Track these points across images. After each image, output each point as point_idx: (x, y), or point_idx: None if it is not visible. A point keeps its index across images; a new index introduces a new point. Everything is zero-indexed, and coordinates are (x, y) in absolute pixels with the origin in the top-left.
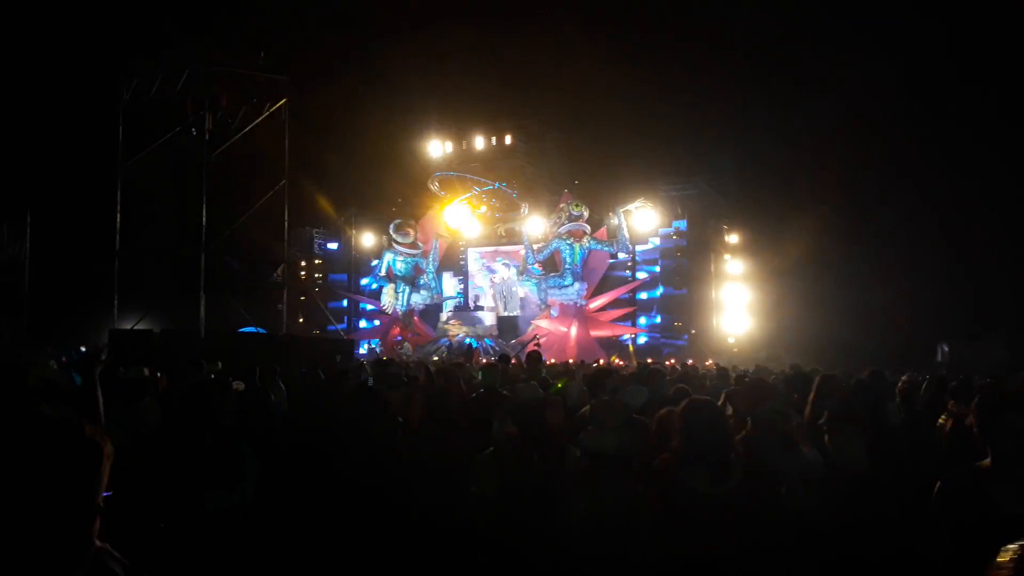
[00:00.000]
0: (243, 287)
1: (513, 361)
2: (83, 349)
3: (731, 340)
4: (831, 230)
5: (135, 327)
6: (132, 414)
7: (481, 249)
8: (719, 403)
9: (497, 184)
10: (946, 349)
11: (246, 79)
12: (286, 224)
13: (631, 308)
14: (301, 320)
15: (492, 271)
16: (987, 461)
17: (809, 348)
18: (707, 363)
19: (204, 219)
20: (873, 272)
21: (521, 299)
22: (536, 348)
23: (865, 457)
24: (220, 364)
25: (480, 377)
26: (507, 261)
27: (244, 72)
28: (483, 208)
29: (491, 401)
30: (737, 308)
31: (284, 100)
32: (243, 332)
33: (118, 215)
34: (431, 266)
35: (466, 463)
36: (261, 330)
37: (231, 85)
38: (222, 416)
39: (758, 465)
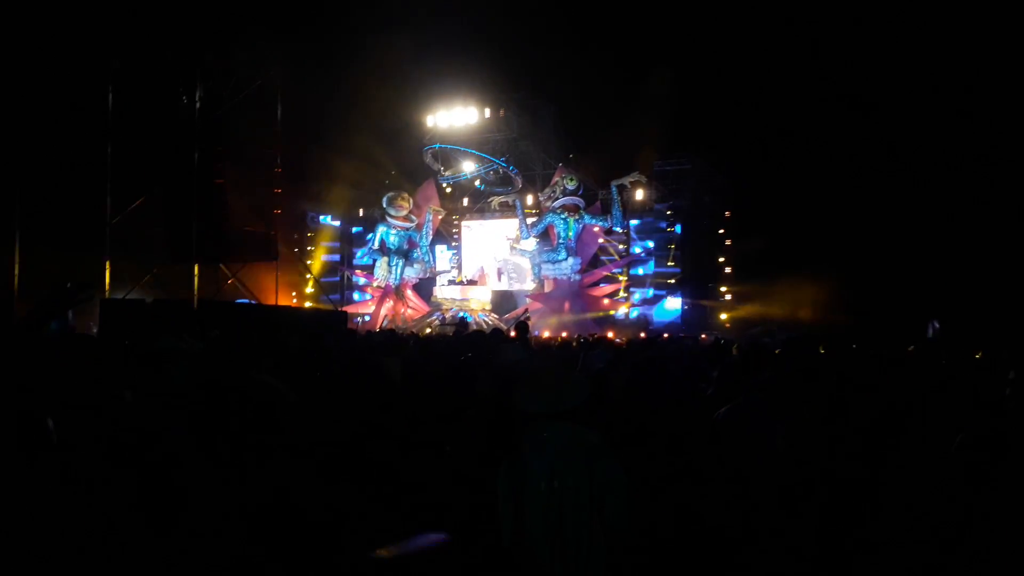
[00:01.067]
0: (235, 258)
1: (513, 334)
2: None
3: (723, 316)
4: (825, 207)
5: (127, 296)
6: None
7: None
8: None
9: (497, 160)
10: (937, 325)
11: (238, 47)
12: (278, 195)
13: (625, 283)
14: (294, 294)
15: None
16: None
17: (802, 324)
18: (702, 337)
19: (195, 188)
20: (866, 247)
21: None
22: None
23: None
24: (217, 332)
25: None
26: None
27: (236, 40)
28: (477, 182)
29: (475, 364)
30: (730, 283)
31: (276, 68)
32: (238, 303)
33: (108, 184)
34: (425, 239)
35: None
36: (254, 302)
37: (222, 53)
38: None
39: (741, 430)
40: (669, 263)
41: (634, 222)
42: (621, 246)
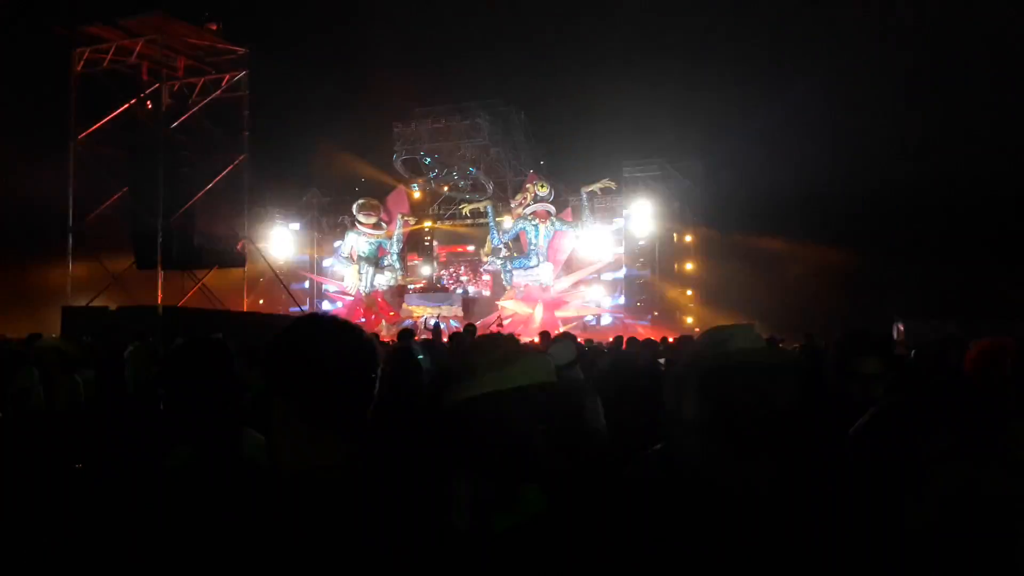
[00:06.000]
0: (202, 264)
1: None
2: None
3: (689, 320)
4: (792, 212)
5: (90, 304)
6: None
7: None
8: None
9: (471, 171)
10: (901, 327)
11: (204, 50)
12: (246, 200)
13: (595, 288)
14: (262, 302)
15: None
16: None
17: (770, 329)
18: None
19: (161, 194)
20: (831, 254)
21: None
22: (499, 328)
23: None
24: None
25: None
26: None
27: (202, 43)
28: (446, 188)
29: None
30: (700, 288)
31: (244, 72)
32: (205, 310)
33: (71, 189)
34: (395, 247)
35: None
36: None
37: (189, 56)
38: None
39: None
40: (639, 268)
41: (605, 228)
42: (592, 252)
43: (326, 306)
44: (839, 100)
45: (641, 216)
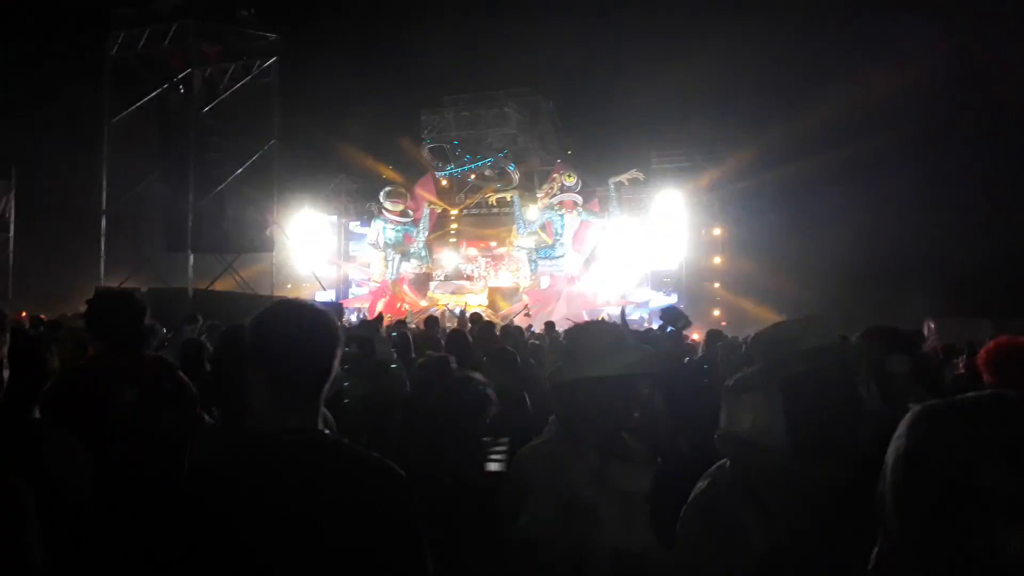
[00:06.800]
0: (231, 248)
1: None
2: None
3: (716, 313)
4: (824, 208)
5: (122, 285)
6: None
7: None
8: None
9: (490, 160)
10: (932, 325)
11: (235, 36)
12: (275, 186)
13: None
14: (289, 286)
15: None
16: None
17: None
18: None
19: (191, 178)
20: (862, 251)
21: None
22: (525, 318)
23: None
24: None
25: None
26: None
27: (233, 29)
28: (472, 177)
29: None
30: (728, 282)
31: (274, 59)
32: (233, 293)
33: (104, 172)
34: (421, 235)
35: None
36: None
37: (220, 42)
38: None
39: None
40: (665, 261)
41: (632, 219)
42: (619, 242)
43: (353, 292)
44: (872, 96)
45: (670, 207)
